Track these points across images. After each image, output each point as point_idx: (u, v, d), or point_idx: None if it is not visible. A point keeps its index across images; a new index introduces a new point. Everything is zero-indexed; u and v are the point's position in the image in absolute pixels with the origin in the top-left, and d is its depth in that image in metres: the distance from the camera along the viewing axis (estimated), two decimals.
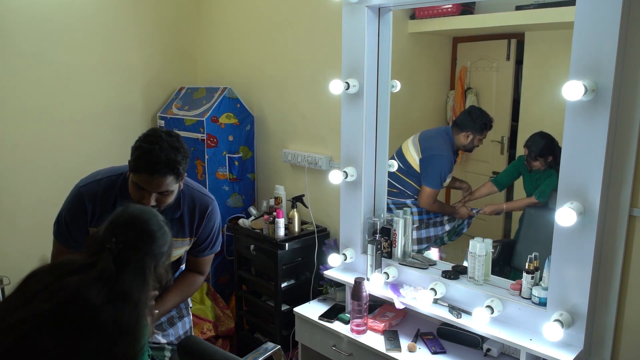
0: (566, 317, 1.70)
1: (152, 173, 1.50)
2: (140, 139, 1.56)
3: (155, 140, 1.52)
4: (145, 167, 1.50)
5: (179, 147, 1.55)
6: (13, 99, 2.76)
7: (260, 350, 1.70)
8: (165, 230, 1.24)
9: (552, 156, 2.24)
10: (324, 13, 2.62)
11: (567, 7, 1.80)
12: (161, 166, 1.49)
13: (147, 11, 3.23)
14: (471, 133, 2.44)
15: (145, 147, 1.51)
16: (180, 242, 1.74)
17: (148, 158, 1.50)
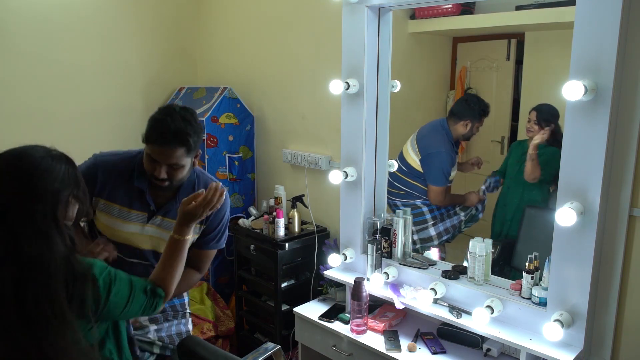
0: (566, 317, 1.70)
1: (162, 144, 1.54)
2: (156, 111, 1.60)
3: (168, 112, 1.55)
4: (155, 137, 1.54)
5: (191, 120, 1.57)
6: (13, 99, 2.76)
7: (260, 350, 1.70)
8: (47, 164, 1.11)
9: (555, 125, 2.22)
10: (324, 13, 2.62)
11: (567, 7, 1.80)
12: (171, 136, 1.52)
13: (147, 11, 3.23)
14: (470, 121, 2.42)
15: (157, 117, 1.56)
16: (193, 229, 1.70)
17: (159, 128, 1.53)
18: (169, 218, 1.71)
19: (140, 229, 1.70)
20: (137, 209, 1.69)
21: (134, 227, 1.70)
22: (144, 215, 1.70)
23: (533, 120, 2.28)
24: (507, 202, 2.43)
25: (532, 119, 2.29)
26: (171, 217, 1.70)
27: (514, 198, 2.40)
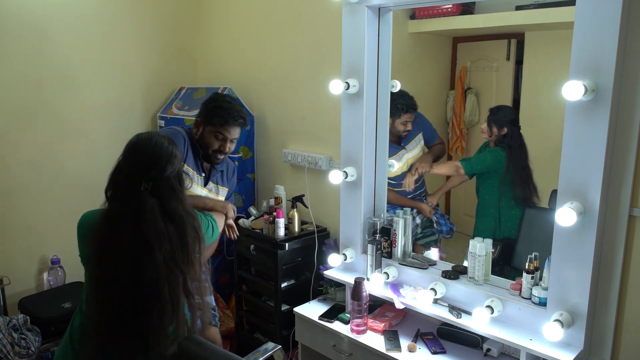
0: (566, 317, 1.70)
1: (233, 123, 2.04)
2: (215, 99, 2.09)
3: (229, 99, 2.08)
4: (227, 118, 2.02)
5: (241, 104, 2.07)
6: (13, 98, 2.76)
7: (260, 350, 1.70)
8: (174, 151, 1.50)
9: (507, 129, 2.28)
10: (324, 13, 2.62)
11: (567, 7, 1.80)
12: (240, 116, 2.05)
13: (147, 11, 3.23)
14: (390, 118, 2.38)
15: (225, 105, 2.03)
16: (225, 192, 2.22)
17: (233, 113, 2.03)
18: (215, 184, 2.19)
19: (199, 191, 2.11)
20: (199, 174, 2.11)
21: (200, 190, 2.11)
22: (202, 179, 2.13)
23: (486, 119, 2.31)
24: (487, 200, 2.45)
25: (486, 120, 2.32)
26: (216, 182, 2.19)
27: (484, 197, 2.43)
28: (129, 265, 1.40)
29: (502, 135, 2.30)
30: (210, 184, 2.15)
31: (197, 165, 2.09)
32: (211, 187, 2.16)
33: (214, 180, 2.16)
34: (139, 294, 1.41)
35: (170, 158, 1.48)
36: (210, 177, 2.15)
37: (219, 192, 2.19)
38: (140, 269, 1.40)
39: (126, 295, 1.41)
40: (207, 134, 2.05)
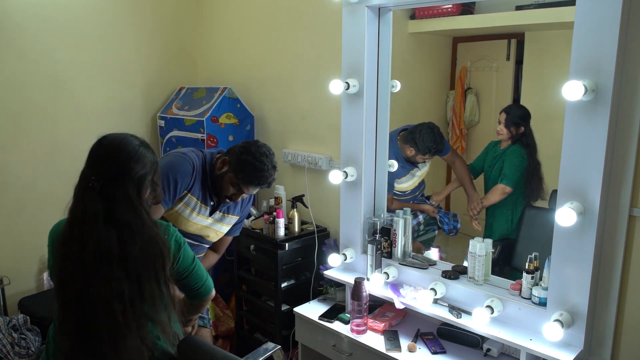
0: (566, 317, 1.70)
1: (257, 186, 1.90)
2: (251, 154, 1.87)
3: (264, 161, 1.87)
4: (254, 182, 1.88)
5: (276, 165, 1.93)
6: (13, 98, 2.76)
7: (260, 350, 1.70)
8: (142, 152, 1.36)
9: (524, 127, 2.27)
10: (324, 13, 2.62)
11: (567, 7, 1.80)
12: (265, 182, 1.90)
13: (147, 11, 3.23)
14: (414, 150, 2.42)
15: (258, 166, 1.86)
16: (234, 220, 2.12)
17: (260, 177, 1.87)
18: (223, 213, 2.07)
19: (203, 220, 2.01)
20: (204, 203, 1.99)
21: (200, 220, 2.00)
22: (208, 209, 2.01)
23: (502, 123, 2.31)
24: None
25: (502, 121, 2.31)
26: (225, 212, 2.07)
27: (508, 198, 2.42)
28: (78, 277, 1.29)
29: (519, 133, 2.29)
30: (217, 214, 2.04)
31: (205, 195, 1.98)
32: (217, 216, 2.05)
33: (222, 210, 2.06)
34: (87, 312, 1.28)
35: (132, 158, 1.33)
36: (220, 207, 2.04)
37: (224, 220, 2.09)
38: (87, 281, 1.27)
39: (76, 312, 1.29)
40: (226, 180, 1.92)
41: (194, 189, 1.93)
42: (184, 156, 1.92)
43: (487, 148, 2.50)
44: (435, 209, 2.54)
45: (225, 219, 2.08)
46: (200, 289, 1.58)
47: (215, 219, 2.04)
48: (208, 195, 1.98)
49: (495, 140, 2.45)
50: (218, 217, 2.05)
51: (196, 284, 1.56)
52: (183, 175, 1.88)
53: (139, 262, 1.30)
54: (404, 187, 2.54)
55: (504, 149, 2.37)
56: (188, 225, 1.99)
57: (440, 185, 2.75)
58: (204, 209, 1.98)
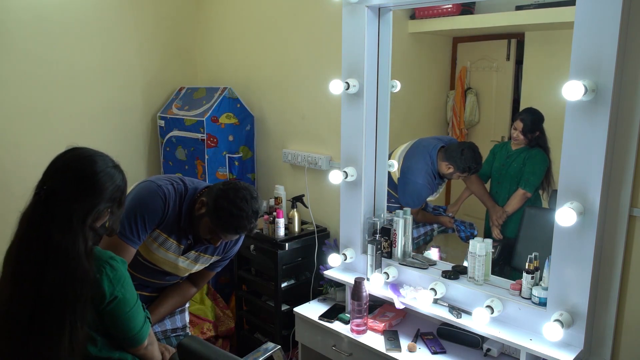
0: (566, 317, 1.70)
1: (234, 234, 1.70)
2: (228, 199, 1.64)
3: (242, 207, 1.64)
4: (229, 229, 1.66)
5: (258, 210, 1.70)
6: (13, 99, 2.76)
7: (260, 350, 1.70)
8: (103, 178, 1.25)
9: (539, 132, 2.26)
10: (324, 13, 2.62)
11: (567, 7, 1.80)
12: (243, 230, 1.69)
13: (147, 11, 3.23)
14: (453, 168, 2.41)
15: (235, 213, 1.63)
16: (212, 260, 1.89)
17: (237, 225, 1.65)
18: (199, 252, 1.84)
19: (173, 258, 1.79)
20: (177, 241, 1.78)
21: (169, 256, 1.79)
22: (181, 248, 1.79)
23: (519, 130, 2.30)
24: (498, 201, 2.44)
25: (518, 129, 2.30)
26: (201, 251, 1.84)
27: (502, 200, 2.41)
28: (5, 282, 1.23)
29: (535, 137, 2.28)
30: (191, 253, 1.82)
31: (179, 233, 1.76)
32: (192, 256, 1.83)
33: (199, 250, 1.83)
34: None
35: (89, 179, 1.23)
36: (195, 247, 1.82)
37: (200, 260, 1.85)
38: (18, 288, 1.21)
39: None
40: (203, 224, 1.70)
41: (165, 225, 1.73)
42: (158, 189, 1.70)
43: (492, 151, 2.48)
44: (451, 220, 2.54)
45: (200, 258, 1.86)
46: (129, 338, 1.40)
47: (188, 258, 1.83)
48: (182, 233, 1.77)
49: (501, 142, 2.45)
50: (192, 257, 1.84)
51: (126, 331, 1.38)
52: (151, 213, 1.68)
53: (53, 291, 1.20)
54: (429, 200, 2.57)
55: (519, 150, 2.33)
56: (152, 256, 1.78)
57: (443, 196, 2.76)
58: (175, 246, 1.77)
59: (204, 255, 1.86)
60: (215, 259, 1.90)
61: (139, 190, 1.72)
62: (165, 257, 1.78)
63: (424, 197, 2.50)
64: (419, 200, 2.50)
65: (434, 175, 2.45)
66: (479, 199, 2.51)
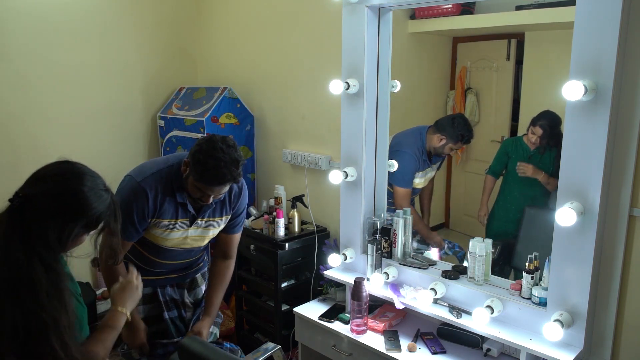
0: (566, 317, 1.70)
1: (217, 185, 1.69)
2: (203, 151, 1.67)
3: (218, 157, 1.65)
4: (212, 181, 1.68)
5: (239, 158, 1.70)
6: (13, 99, 2.76)
7: (260, 350, 1.70)
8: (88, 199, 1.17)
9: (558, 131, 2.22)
10: (324, 13, 2.62)
11: (567, 7, 1.80)
12: (226, 180, 1.68)
13: (147, 11, 3.23)
14: (445, 138, 2.40)
15: (210, 163, 1.64)
16: (223, 221, 1.95)
17: (215, 175, 1.66)
18: (208, 218, 1.90)
19: (184, 232, 1.88)
20: (181, 218, 1.85)
21: (180, 233, 1.87)
22: (187, 221, 1.86)
23: (538, 135, 2.27)
24: (509, 201, 2.43)
25: (537, 134, 2.27)
26: (209, 216, 1.90)
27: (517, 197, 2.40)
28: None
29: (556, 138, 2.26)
30: (198, 221, 1.89)
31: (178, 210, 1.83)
32: (200, 223, 1.90)
33: (205, 215, 1.90)
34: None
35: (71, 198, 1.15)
36: (199, 214, 1.88)
37: (211, 225, 1.93)
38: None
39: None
40: (190, 183, 1.75)
41: (162, 212, 1.79)
42: (138, 186, 1.75)
43: (504, 147, 2.45)
44: (443, 243, 2.53)
45: (212, 223, 1.93)
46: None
47: (198, 227, 1.90)
48: (183, 207, 1.83)
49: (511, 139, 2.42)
50: (201, 224, 1.91)
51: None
52: (139, 210, 1.75)
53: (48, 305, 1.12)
54: (416, 183, 2.53)
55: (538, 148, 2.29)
56: (165, 242, 1.89)
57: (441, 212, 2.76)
58: (180, 223, 1.85)
59: (213, 219, 1.91)
60: (226, 218, 1.95)
61: (121, 195, 1.76)
62: (176, 236, 1.87)
63: (412, 171, 2.47)
64: (408, 173, 2.46)
65: (421, 151, 2.45)
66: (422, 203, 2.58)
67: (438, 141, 2.42)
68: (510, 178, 2.45)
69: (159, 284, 2.01)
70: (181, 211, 1.83)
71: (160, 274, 1.99)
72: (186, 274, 2.07)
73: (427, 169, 2.53)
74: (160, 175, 1.78)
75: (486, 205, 2.52)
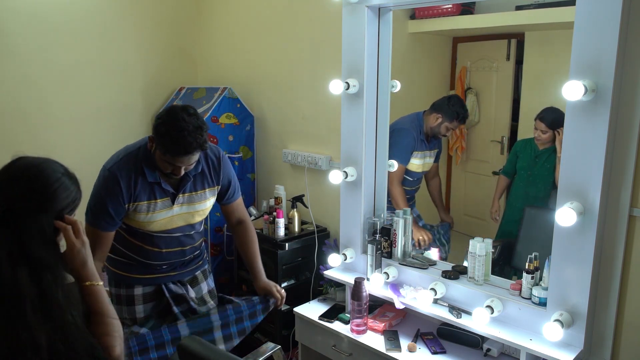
0: (566, 317, 1.70)
1: (185, 154, 1.67)
2: (165, 123, 1.67)
3: (181, 126, 1.64)
4: (178, 151, 1.66)
5: (202, 124, 1.69)
6: (12, 98, 2.76)
7: (260, 350, 1.70)
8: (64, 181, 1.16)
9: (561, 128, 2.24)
10: (324, 13, 2.62)
11: (567, 7, 1.80)
12: (193, 148, 1.66)
13: (147, 11, 3.23)
14: (441, 117, 2.44)
15: (174, 134, 1.63)
16: (208, 193, 1.91)
17: (181, 145, 1.64)
18: (189, 192, 1.87)
19: (169, 212, 1.84)
20: (160, 198, 1.82)
21: (164, 214, 1.83)
22: (167, 200, 1.83)
23: (540, 129, 2.27)
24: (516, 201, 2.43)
25: (540, 128, 2.27)
26: (190, 190, 1.86)
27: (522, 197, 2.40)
28: None
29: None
30: (180, 198, 1.84)
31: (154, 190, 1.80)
32: (183, 199, 1.86)
33: (186, 190, 1.85)
34: None
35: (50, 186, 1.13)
36: (179, 190, 1.84)
37: (196, 199, 1.88)
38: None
39: None
40: (157, 157, 1.73)
41: (138, 195, 1.76)
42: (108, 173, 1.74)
43: (515, 149, 2.46)
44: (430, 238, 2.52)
45: (195, 197, 1.88)
46: None
47: (182, 204, 1.85)
48: (158, 187, 1.79)
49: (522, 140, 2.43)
50: (184, 200, 1.86)
51: None
52: (112, 197, 1.73)
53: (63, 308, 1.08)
54: (415, 165, 2.54)
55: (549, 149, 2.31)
56: (151, 225, 1.83)
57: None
58: (162, 203, 1.81)
59: (196, 193, 1.87)
60: (212, 190, 1.92)
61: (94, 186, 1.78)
62: (161, 217, 1.82)
63: (406, 145, 2.49)
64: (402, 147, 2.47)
65: (418, 131, 2.49)
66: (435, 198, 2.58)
67: (434, 120, 2.45)
68: (518, 178, 2.45)
69: (161, 281, 1.99)
70: (159, 191, 1.80)
71: (161, 271, 1.95)
72: (186, 271, 2.05)
73: (425, 151, 2.54)
74: (129, 158, 1.77)
75: (497, 202, 2.53)
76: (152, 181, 1.77)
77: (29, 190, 1.11)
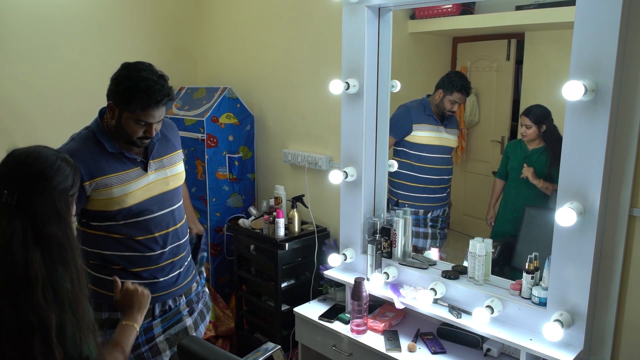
0: (566, 317, 1.70)
1: (157, 104, 1.64)
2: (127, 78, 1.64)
3: (145, 76, 1.63)
4: (149, 102, 1.62)
5: (162, 73, 1.70)
6: (12, 98, 2.76)
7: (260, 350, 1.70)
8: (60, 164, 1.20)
9: (546, 125, 2.24)
10: (324, 13, 2.62)
11: (567, 7, 1.80)
12: (163, 95, 1.64)
13: (147, 11, 3.23)
14: (442, 91, 2.47)
15: (141, 85, 1.61)
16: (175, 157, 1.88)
17: (151, 94, 1.61)
18: (159, 158, 1.82)
19: (144, 180, 1.75)
20: (130, 168, 1.74)
21: (139, 183, 1.74)
22: (139, 169, 1.76)
23: (525, 125, 2.29)
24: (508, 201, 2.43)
25: (525, 123, 2.29)
26: (159, 156, 1.82)
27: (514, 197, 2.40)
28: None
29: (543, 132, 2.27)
30: (151, 164, 1.78)
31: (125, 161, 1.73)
32: (154, 166, 1.79)
33: (155, 156, 1.80)
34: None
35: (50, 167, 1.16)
36: (149, 157, 1.77)
37: (166, 164, 1.83)
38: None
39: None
40: (125, 121, 1.65)
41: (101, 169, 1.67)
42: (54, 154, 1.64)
43: (506, 149, 2.46)
44: None
45: (165, 161, 1.83)
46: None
47: (156, 169, 1.79)
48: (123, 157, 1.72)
49: (513, 141, 2.43)
50: (155, 166, 1.79)
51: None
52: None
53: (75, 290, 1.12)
54: (425, 138, 2.51)
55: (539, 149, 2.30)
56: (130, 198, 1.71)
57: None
58: (134, 172, 1.73)
59: (165, 157, 1.83)
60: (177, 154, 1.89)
61: None
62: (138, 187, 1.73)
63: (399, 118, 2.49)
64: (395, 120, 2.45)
65: (422, 107, 2.53)
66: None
67: (438, 97, 2.48)
68: (510, 178, 2.45)
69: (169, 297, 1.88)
70: (126, 162, 1.72)
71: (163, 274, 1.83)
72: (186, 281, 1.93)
73: (435, 126, 2.54)
74: (79, 139, 1.71)
75: (493, 207, 2.53)
76: (114, 151, 1.70)
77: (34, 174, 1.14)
